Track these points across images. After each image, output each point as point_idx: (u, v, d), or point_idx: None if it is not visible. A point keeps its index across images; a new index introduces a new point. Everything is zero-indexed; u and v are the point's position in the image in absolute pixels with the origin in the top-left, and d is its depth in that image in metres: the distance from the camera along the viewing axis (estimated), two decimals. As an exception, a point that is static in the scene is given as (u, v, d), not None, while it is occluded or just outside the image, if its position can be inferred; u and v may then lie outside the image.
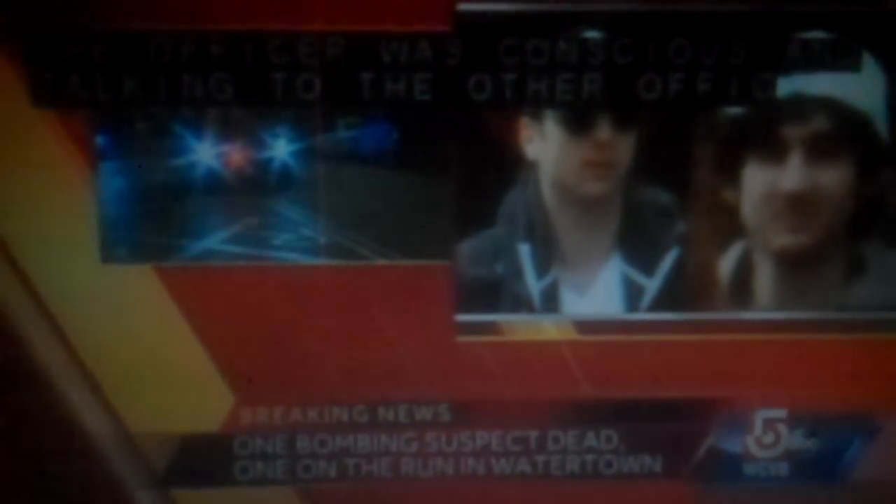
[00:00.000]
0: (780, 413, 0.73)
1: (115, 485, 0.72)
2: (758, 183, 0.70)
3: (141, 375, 0.70)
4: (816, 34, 0.67)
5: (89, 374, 0.70)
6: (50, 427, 0.70)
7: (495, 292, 0.71)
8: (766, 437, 0.73)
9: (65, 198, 0.68)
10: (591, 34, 0.67)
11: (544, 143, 0.70)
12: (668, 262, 0.71)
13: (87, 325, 0.69)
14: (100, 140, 0.67)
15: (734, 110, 0.69)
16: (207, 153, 0.68)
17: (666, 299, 0.71)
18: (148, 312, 0.69)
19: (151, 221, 0.69)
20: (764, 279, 0.72)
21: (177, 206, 0.69)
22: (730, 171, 0.70)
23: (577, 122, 0.69)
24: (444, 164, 0.69)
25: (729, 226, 0.71)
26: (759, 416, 0.73)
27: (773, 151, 0.69)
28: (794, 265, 0.71)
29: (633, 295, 0.72)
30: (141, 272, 0.69)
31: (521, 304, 0.72)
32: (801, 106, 0.68)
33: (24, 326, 0.69)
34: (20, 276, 0.68)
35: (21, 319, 0.69)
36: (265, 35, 0.66)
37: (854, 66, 0.68)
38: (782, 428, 0.73)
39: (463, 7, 0.66)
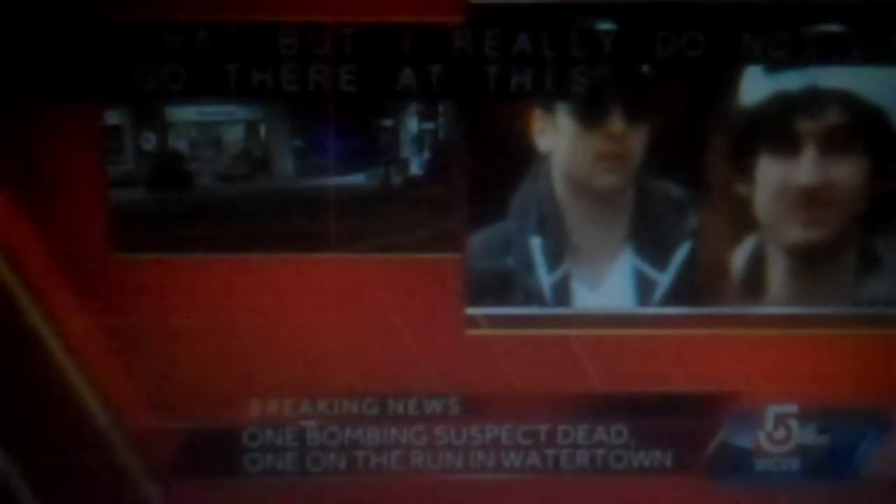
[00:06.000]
0: (792, 409, 0.73)
1: (125, 476, 0.72)
2: (772, 177, 0.69)
3: (151, 368, 0.70)
4: (833, 26, 0.67)
5: (99, 366, 0.70)
6: (61, 419, 0.70)
7: (506, 285, 0.71)
8: (777, 432, 0.73)
9: (78, 188, 0.68)
10: (604, 26, 0.67)
11: (557, 136, 0.69)
12: (680, 256, 0.71)
13: (98, 316, 0.69)
14: (113, 130, 0.67)
15: (748, 104, 0.68)
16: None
17: (678, 294, 0.71)
18: (158, 304, 0.69)
19: (160, 213, 0.69)
20: (777, 274, 0.71)
21: (185, 197, 0.69)
22: (743, 164, 0.70)
23: (590, 114, 0.68)
24: (455, 156, 0.69)
25: (742, 220, 0.71)
26: (771, 412, 0.73)
27: (788, 145, 0.69)
28: (807, 260, 0.71)
29: (644, 289, 0.71)
30: (150, 263, 0.69)
31: (531, 297, 0.71)
32: (815, 100, 0.68)
33: (36, 318, 0.69)
34: (32, 269, 0.68)
35: (32, 312, 0.69)
36: (279, 26, 0.66)
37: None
38: (794, 423, 0.73)
39: (477, -2, 0.66)
